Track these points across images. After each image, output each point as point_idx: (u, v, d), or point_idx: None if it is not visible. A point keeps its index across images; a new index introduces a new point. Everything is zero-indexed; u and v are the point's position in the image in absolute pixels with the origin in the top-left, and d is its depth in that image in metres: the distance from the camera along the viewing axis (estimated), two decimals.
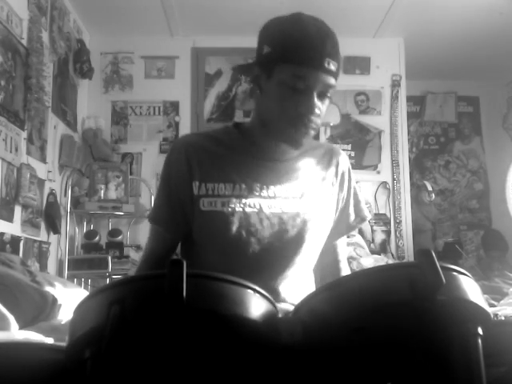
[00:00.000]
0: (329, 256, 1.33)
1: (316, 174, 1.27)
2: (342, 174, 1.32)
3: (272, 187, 1.21)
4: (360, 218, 1.34)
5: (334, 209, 1.29)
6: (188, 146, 1.22)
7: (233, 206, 1.17)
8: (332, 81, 1.12)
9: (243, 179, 1.20)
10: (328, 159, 1.31)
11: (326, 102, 1.15)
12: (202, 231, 1.21)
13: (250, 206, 1.18)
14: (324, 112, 1.15)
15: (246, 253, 1.17)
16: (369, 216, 1.37)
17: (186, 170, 1.20)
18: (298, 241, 1.21)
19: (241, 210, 1.17)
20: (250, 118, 1.29)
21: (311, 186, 1.25)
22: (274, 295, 0.94)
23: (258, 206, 1.19)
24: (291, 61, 1.08)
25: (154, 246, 1.27)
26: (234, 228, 1.16)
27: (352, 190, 1.34)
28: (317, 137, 4.03)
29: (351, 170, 1.36)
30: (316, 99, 1.11)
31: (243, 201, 1.18)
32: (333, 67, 1.10)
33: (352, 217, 1.33)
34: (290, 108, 1.10)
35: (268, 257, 1.19)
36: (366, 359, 0.72)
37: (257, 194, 1.20)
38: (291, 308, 1.09)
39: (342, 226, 1.33)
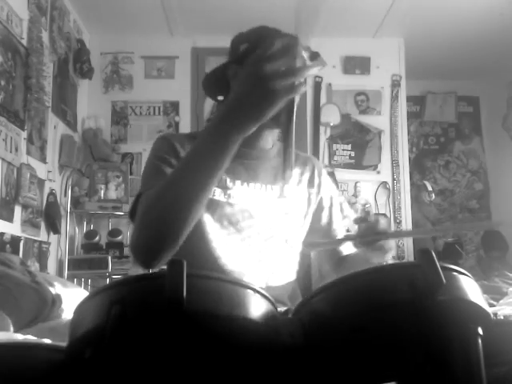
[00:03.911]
0: (332, 256, 1.40)
1: (292, 175, 1.34)
2: (319, 181, 1.39)
3: (251, 184, 1.27)
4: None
5: (306, 210, 1.36)
6: (173, 138, 1.26)
7: (217, 195, 1.22)
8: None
9: (226, 173, 1.23)
10: (302, 162, 1.39)
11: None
12: None
13: (233, 197, 1.24)
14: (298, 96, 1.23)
15: (226, 240, 1.22)
16: (350, 215, 1.43)
17: (177, 149, 1.22)
18: (274, 236, 1.27)
19: (224, 200, 1.23)
20: None
21: (288, 186, 1.32)
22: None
23: (240, 200, 1.24)
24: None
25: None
26: (216, 216, 1.22)
27: (330, 199, 1.41)
28: (316, 137, 4.03)
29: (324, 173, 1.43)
30: None
31: (227, 192, 1.24)
32: (304, 55, 1.19)
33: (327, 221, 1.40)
34: None
35: (247, 249, 1.24)
36: (366, 359, 0.72)
37: (238, 188, 1.25)
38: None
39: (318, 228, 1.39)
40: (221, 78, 1.28)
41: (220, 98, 1.35)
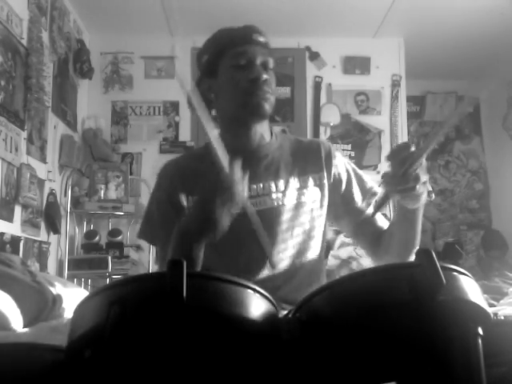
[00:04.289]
0: (368, 233, 1.33)
1: (293, 164, 1.31)
2: (329, 158, 1.34)
3: (254, 186, 1.25)
4: (370, 193, 1.34)
5: (320, 197, 1.31)
6: (176, 167, 1.32)
7: None
8: (266, 52, 1.26)
9: None
10: (306, 147, 1.35)
11: (272, 74, 1.26)
12: None
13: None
14: (273, 83, 1.26)
15: (229, 253, 1.22)
16: (375, 188, 1.36)
17: (178, 183, 1.28)
18: (287, 236, 1.25)
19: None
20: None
21: (291, 179, 1.28)
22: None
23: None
24: (227, 49, 1.25)
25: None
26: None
27: (346, 171, 1.36)
28: (316, 137, 4.03)
29: (335, 151, 1.38)
30: (260, 68, 1.24)
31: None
32: (262, 39, 1.26)
33: (358, 194, 1.34)
34: (242, 81, 1.23)
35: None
36: (366, 359, 0.72)
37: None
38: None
39: (353, 206, 1.33)
40: (200, 94, 1.32)
41: (212, 112, 1.35)
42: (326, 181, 1.31)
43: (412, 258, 1.23)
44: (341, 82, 4.16)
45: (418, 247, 1.24)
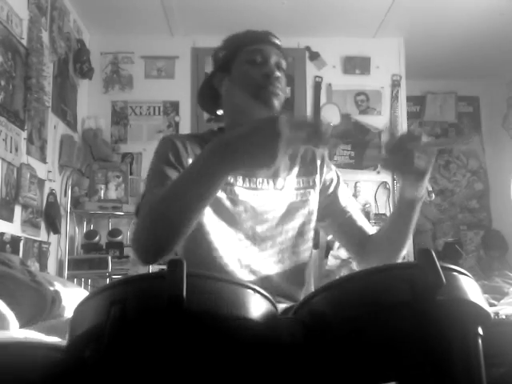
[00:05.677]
0: (351, 233, 1.37)
1: (294, 166, 1.35)
2: (322, 160, 1.39)
3: (254, 179, 1.28)
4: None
5: (315, 199, 1.35)
6: (176, 139, 1.27)
7: (218, 193, 1.22)
8: (280, 53, 1.31)
9: None
10: (306, 153, 1.39)
11: (283, 74, 1.30)
12: None
13: (234, 193, 1.25)
14: (284, 83, 1.29)
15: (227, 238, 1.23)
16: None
17: (182, 148, 1.24)
18: (279, 231, 1.27)
19: (226, 197, 1.24)
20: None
21: (288, 177, 1.32)
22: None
23: (242, 196, 1.25)
24: (245, 44, 1.30)
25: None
26: (218, 215, 1.22)
27: (340, 180, 1.41)
28: None
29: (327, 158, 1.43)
30: (273, 65, 1.28)
31: (228, 188, 1.24)
32: (277, 42, 1.32)
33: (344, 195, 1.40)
34: (255, 75, 1.26)
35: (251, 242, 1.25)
36: (366, 359, 0.72)
37: (240, 185, 1.26)
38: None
39: (337, 206, 1.38)
40: (210, 89, 1.35)
41: (219, 112, 1.38)
42: (318, 183, 1.36)
43: (398, 260, 1.29)
44: (341, 82, 4.16)
45: (404, 253, 1.29)
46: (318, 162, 1.38)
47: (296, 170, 1.35)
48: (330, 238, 3.59)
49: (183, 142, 1.26)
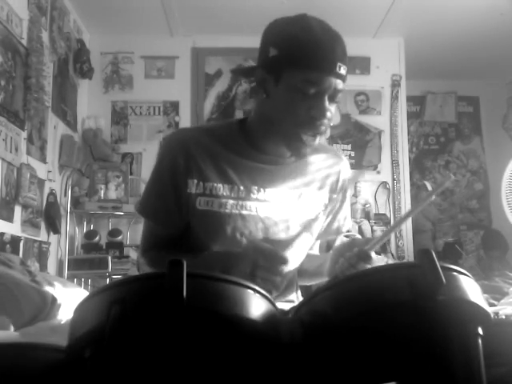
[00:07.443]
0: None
1: (314, 179, 1.27)
2: (342, 184, 1.32)
3: (268, 190, 1.21)
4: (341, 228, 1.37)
5: (324, 215, 1.31)
6: (184, 141, 1.20)
7: (229, 207, 1.18)
8: (342, 85, 1.11)
9: (242, 181, 1.20)
10: (329, 165, 1.30)
11: (334, 106, 1.14)
12: (196, 229, 1.21)
13: (246, 208, 1.19)
14: (332, 117, 1.14)
15: None
16: (349, 227, 1.40)
17: (183, 165, 1.18)
18: (287, 244, 1.23)
19: (237, 212, 1.18)
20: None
21: (306, 191, 1.25)
22: None
23: (253, 209, 1.20)
24: (301, 66, 1.07)
25: (152, 240, 1.28)
26: (229, 229, 1.18)
27: (346, 201, 1.36)
28: None
29: (349, 180, 1.36)
30: (326, 105, 1.10)
31: (240, 203, 1.19)
32: (343, 71, 1.09)
33: (338, 224, 1.37)
34: (301, 112, 1.09)
35: None
36: (366, 359, 0.72)
37: (253, 196, 1.20)
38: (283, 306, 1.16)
39: (331, 230, 1.36)
40: (248, 75, 1.26)
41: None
42: (328, 204, 1.30)
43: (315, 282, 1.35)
44: None
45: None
46: (340, 183, 1.31)
47: (314, 184, 1.27)
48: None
49: (187, 154, 1.18)
